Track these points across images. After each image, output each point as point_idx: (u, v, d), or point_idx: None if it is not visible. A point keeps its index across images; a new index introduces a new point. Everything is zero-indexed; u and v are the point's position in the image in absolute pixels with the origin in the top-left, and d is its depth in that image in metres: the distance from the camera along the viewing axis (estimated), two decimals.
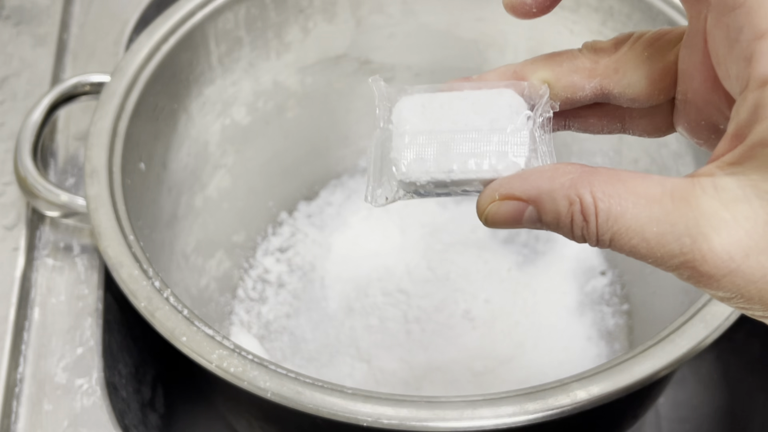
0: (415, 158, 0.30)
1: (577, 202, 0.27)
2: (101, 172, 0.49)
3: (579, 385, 0.40)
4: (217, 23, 0.58)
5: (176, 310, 0.43)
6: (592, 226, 0.26)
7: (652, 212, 0.26)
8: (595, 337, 0.65)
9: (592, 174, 0.27)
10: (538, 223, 0.28)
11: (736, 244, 0.25)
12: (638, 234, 0.26)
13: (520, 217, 0.28)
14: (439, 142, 0.30)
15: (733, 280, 0.25)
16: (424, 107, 0.31)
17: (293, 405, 0.40)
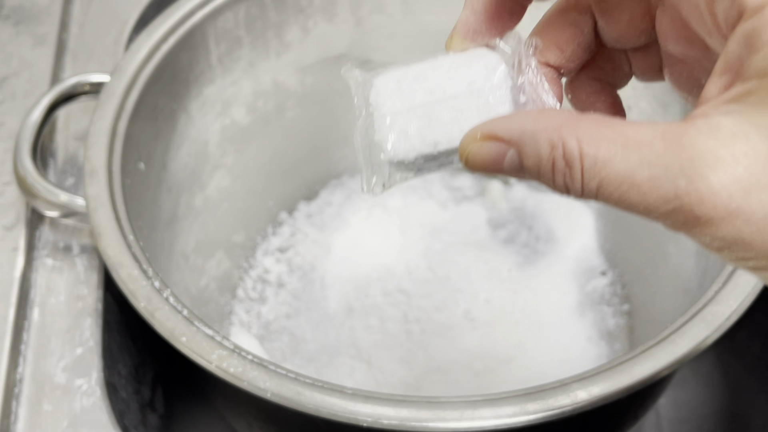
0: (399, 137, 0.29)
1: (559, 146, 0.25)
2: (101, 172, 0.49)
3: (579, 386, 0.40)
4: (216, 23, 0.58)
5: (176, 310, 0.43)
6: (576, 173, 0.25)
7: (643, 155, 0.24)
8: (595, 338, 0.65)
9: (580, 118, 0.26)
10: (520, 170, 0.27)
11: (735, 183, 0.23)
12: (628, 179, 0.24)
13: (501, 160, 0.27)
14: (420, 116, 0.29)
15: (733, 221, 0.24)
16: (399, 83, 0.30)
17: (293, 405, 0.40)
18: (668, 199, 0.24)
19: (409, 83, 0.30)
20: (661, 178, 0.24)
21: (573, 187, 0.26)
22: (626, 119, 0.27)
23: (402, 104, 0.30)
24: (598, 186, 0.25)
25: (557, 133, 0.25)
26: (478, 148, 0.28)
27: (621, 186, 0.24)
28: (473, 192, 0.74)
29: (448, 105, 0.29)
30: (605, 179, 0.25)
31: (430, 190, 0.74)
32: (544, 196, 0.73)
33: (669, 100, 0.59)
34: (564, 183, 0.26)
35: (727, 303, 0.43)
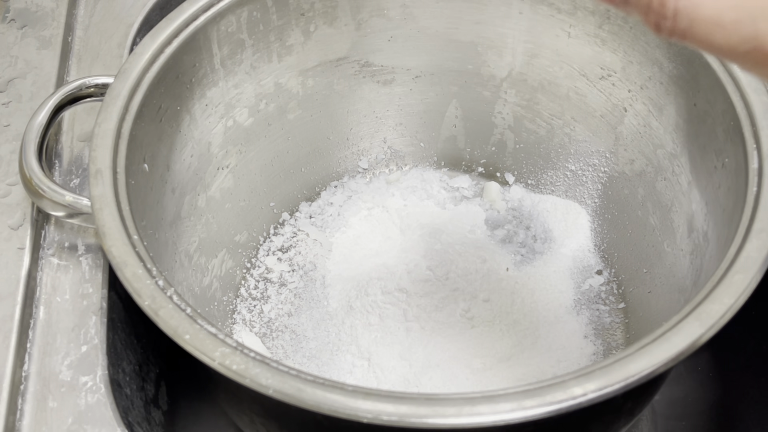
0: None
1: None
2: (106, 173, 0.49)
3: (576, 383, 0.40)
4: (219, 26, 0.59)
5: (179, 308, 0.44)
6: (669, 10, 0.28)
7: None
8: (591, 335, 0.65)
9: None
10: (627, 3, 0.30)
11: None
12: (715, 20, 0.27)
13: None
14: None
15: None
16: None
17: (295, 402, 0.40)
18: (748, 39, 0.26)
19: None
20: (744, 20, 0.26)
21: (665, 25, 0.28)
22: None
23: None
24: (688, 26, 0.28)
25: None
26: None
27: (709, 26, 0.27)
28: (472, 193, 0.75)
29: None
30: (696, 20, 0.27)
31: (429, 191, 0.74)
32: (542, 196, 0.73)
33: (664, 102, 0.60)
34: (658, 19, 0.28)
35: (721, 301, 0.43)
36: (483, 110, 0.73)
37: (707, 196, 0.55)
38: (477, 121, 0.74)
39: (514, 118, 0.72)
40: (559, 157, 0.71)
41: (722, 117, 0.53)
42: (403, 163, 0.77)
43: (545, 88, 0.68)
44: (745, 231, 0.47)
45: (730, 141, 0.52)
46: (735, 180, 0.51)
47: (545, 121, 0.70)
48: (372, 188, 0.75)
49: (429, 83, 0.72)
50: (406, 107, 0.73)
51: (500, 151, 0.74)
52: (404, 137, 0.75)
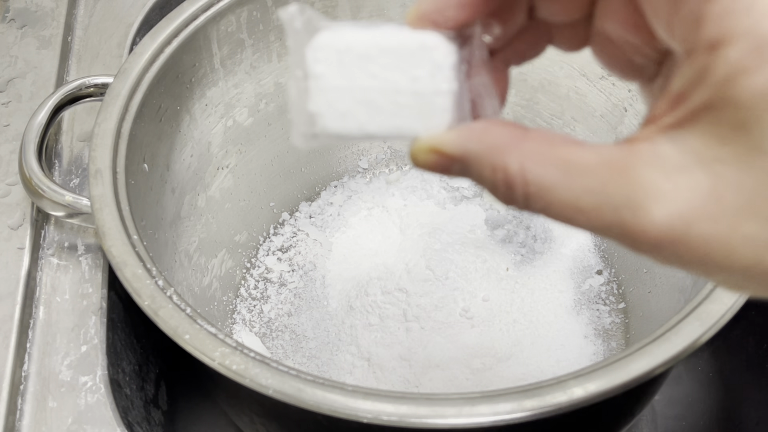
0: (334, 115, 0.29)
1: (501, 170, 0.25)
2: (105, 173, 0.49)
3: (576, 383, 0.40)
4: (219, 26, 0.59)
5: (179, 308, 0.44)
6: (518, 196, 0.25)
7: (587, 183, 0.24)
8: (591, 336, 0.65)
9: (523, 139, 0.26)
10: (469, 178, 0.27)
11: (677, 216, 0.23)
12: (573, 205, 0.25)
13: (447, 169, 0.28)
14: (359, 100, 0.29)
15: (675, 250, 0.24)
16: (341, 56, 0.28)
17: (294, 402, 0.40)
18: (612, 226, 0.24)
19: (352, 59, 0.28)
20: (605, 207, 0.24)
21: (516, 205, 0.26)
22: (569, 135, 0.27)
23: (342, 81, 0.28)
24: (543, 209, 0.25)
25: (500, 156, 0.26)
26: (426, 157, 0.28)
27: (566, 211, 0.25)
28: (471, 192, 0.75)
29: (389, 97, 0.28)
30: (550, 204, 0.25)
31: (429, 191, 0.74)
32: None
33: None
34: (507, 201, 0.26)
35: (721, 301, 0.43)
36: None
37: None
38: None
39: (513, 118, 0.72)
40: None
41: None
42: (403, 162, 0.77)
43: (545, 87, 0.68)
44: None
45: None
46: None
47: (545, 120, 0.70)
48: (372, 188, 0.75)
49: None
50: None
51: None
52: None
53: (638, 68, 0.29)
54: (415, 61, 0.28)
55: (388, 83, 0.28)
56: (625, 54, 0.29)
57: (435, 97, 0.28)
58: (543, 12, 0.30)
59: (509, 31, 0.30)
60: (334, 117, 0.29)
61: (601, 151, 0.25)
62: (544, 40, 0.32)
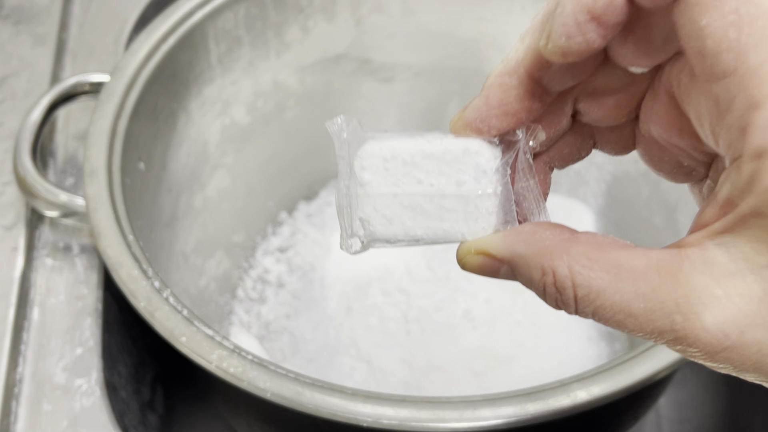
0: (382, 221, 0.29)
1: (550, 273, 0.26)
2: (101, 172, 0.49)
3: (579, 386, 0.40)
4: (216, 23, 0.58)
5: (176, 310, 0.43)
6: (568, 299, 0.25)
7: (637, 287, 0.24)
8: (595, 337, 0.65)
9: (571, 242, 0.26)
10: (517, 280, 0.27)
11: (730, 322, 0.24)
12: (623, 309, 0.25)
13: (495, 271, 0.28)
14: (405, 206, 0.29)
15: (728, 356, 0.24)
16: (387, 164, 0.29)
17: (293, 405, 0.40)
18: (665, 331, 0.24)
19: (397, 166, 0.29)
20: (657, 311, 0.24)
21: (567, 309, 0.26)
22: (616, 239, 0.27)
23: (388, 188, 0.29)
24: (593, 312, 0.25)
25: (548, 260, 0.26)
26: (473, 259, 0.29)
27: (617, 315, 0.25)
28: None
29: (435, 202, 0.29)
30: (600, 307, 0.25)
31: None
32: None
33: None
34: (556, 304, 0.26)
35: None
36: None
37: None
38: None
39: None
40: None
41: None
42: None
43: None
44: None
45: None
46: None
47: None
48: None
49: (430, 81, 0.71)
50: (407, 105, 0.73)
51: None
52: None
53: (686, 170, 0.29)
54: (459, 166, 0.29)
55: (434, 188, 0.29)
56: (673, 157, 0.29)
57: (480, 201, 0.29)
58: (587, 117, 0.30)
59: (553, 135, 0.30)
60: (381, 223, 0.30)
61: (651, 255, 0.25)
62: (588, 144, 0.32)
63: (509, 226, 0.29)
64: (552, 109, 0.30)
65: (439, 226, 0.29)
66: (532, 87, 0.29)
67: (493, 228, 0.29)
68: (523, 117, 0.29)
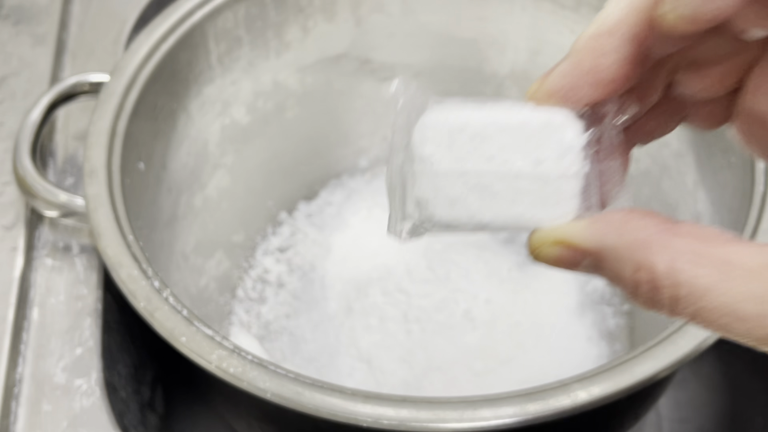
0: (444, 203, 0.26)
1: (646, 269, 0.22)
2: (100, 172, 0.49)
3: (580, 386, 0.40)
4: (216, 22, 0.58)
5: (175, 310, 0.43)
6: (663, 298, 0.22)
7: (750, 288, 0.21)
8: (595, 338, 0.65)
9: (672, 234, 0.23)
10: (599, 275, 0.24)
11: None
12: (731, 312, 0.22)
13: (575, 265, 0.25)
14: (472, 186, 0.26)
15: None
16: (453, 136, 0.26)
17: (293, 406, 0.40)
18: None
19: (465, 139, 0.26)
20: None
21: (659, 308, 0.23)
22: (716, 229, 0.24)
23: (453, 165, 0.26)
24: (694, 314, 0.22)
25: (645, 254, 0.23)
26: (551, 250, 0.25)
27: (722, 318, 0.22)
28: None
29: (508, 182, 0.26)
30: (704, 309, 0.22)
31: None
32: None
33: None
34: (649, 304, 0.23)
35: None
36: None
37: (713, 195, 0.55)
38: None
39: None
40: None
41: None
42: None
43: None
44: (752, 231, 0.47)
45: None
46: (741, 180, 0.50)
47: None
48: (372, 187, 0.74)
49: (430, 80, 0.71)
50: None
51: None
52: None
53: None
54: (538, 141, 0.25)
55: (507, 166, 0.26)
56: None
57: (561, 182, 0.25)
58: (684, 88, 0.28)
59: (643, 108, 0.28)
60: (443, 205, 0.26)
61: (764, 251, 0.22)
62: (676, 118, 0.29)
63: (591, 212, 0.26)
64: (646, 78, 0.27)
65: (510, 210, 0.26)
66: (633, 51, 0.25)
67: (574, 214, 0.26)
68: (618, 86, 0.25)
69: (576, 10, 0.62)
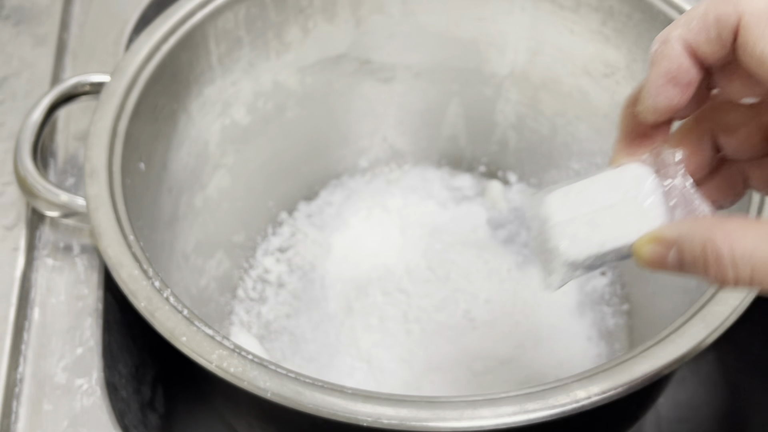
0: (569, 242, 0.35)
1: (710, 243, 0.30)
2: (101, 172, 0.49)
3: (579, 385, 0.40)
4: (216, 23, 0.59)
5: (176, 310, 0.43)
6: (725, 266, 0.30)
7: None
8: (595, 337, 0.65)
9: (727, 220, 0.31)
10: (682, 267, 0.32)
11: None
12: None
13: (665, 258, 0.33)
14: (585, 223, 0.35)
15: None
16: (564, 198, 0.36)
17: (293, 405, 0.40)
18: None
19: (572, 197, 0.35)
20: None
21: (726, 278, 0.30)
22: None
23: (569, 214, 0.35)
24: (752, 272, 0.30)
25: (708, 233, 0.30)
26: (648, 247, 0.34)
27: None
28: (473, 192, 0.75)
29: (608, 212, 0.35)
30: (757, 265, 0.29)
31: (430, 190, 0.74)
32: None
33: None
34: (717, 276, 0.30)
35: (726, 302, 0.43)
36: (484, 108, 0.73)
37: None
38: (478, 119, 0.74)
39: (516, 117, 0.72)
40: (562, 156, 0.71)
41: None
42: (403, 162, 0.77)
43: (548, 86, 0.68)
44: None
45: None
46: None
47: (548, 119, 0.70)
48: (372, 188, 0.74)
49: (430, 81, 0.72)
50: (407, 105, 0.73)
51: (502, 150, 0.74)
52: (405, 136, 0.75)
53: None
54: (621, 182, 0.36)
55: (606, 202, 0.35)
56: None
57: (645, 200, 0.35)
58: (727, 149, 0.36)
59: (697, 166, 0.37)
60: (568, 244, 0.35)
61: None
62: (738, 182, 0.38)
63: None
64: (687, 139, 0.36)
65: (618, 230, 0.35)
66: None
67: (661, 219, 0.35)
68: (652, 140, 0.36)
69: (575, 11, 0.63)
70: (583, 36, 0.63)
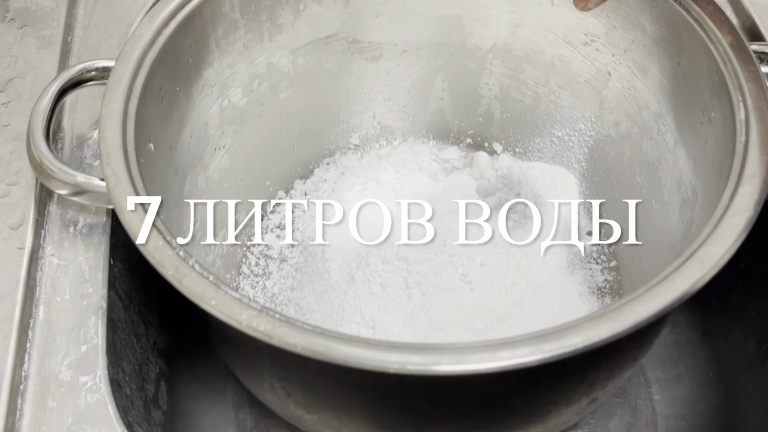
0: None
1: None
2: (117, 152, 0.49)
3: (590, 325, 0.41)
4: (213, 7, 0.59)
5: (203, 276, 0.44)
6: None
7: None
8: (586, 293, 0.67)
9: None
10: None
11: None
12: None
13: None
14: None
15: None
16: None
17: (323, 358, 0.41)
18: None
19: None
20: None
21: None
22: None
23: None
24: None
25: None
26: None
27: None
28: (461, 163, 0.76)
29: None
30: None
31: (420, 163, 0.75)
32: (530, 163, 0.75)
33: (648, 63, 0.62)
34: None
35: (720, 243, 0.45)
36: (469, 82, 0.74)
37: (694, 151, 0.57)
38: (464, 93, 0.75)
39: (500, 89, 0.73)
40: (546, 124, 0.73)
41: (707, 74, 0.55)
42: (392, 137, 0.78)
43: (530, 57, 0.70)
44: (736, 178, 0.48)
45: (716, 96, 0.54)
46: (722, 133, 0.52)
47: (531, 89, 0.72)
48: (364, 163, 0.76)
49: (416, 58, 0.73)
50: (394, 82, 0.74)
51: (487, 121, 0.76)
52: (393, 112, 0.76)
53: None
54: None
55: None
56: None
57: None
58: None
59: None
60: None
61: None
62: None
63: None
64: None
65: None
66: None
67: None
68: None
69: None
70: (563, 7, 0.65)
